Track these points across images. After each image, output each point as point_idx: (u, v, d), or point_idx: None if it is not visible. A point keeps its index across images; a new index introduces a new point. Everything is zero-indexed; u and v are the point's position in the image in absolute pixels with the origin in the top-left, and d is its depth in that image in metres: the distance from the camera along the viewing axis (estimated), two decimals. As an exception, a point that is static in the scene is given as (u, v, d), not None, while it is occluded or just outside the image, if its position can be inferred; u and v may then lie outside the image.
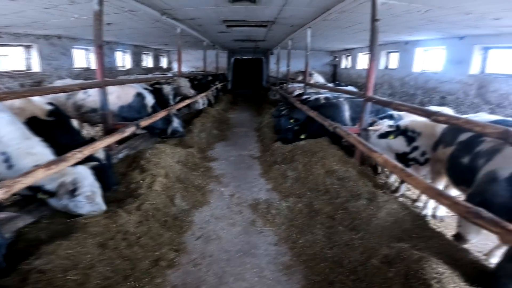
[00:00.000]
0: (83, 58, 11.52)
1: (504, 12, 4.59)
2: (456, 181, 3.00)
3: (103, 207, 2.99)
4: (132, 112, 5.25)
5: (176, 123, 5.62)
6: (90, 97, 5.38)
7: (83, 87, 3.98)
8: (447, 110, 4.34)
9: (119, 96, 5.21)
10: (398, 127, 4.02)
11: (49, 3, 4.92)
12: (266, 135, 7.28)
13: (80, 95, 5.48)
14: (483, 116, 3.21)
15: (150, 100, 5.51)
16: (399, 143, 3.97)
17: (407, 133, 3.93)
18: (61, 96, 5.43)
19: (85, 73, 11.04)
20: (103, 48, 4.07)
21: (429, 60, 9.76)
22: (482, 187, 2.38)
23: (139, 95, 5.39)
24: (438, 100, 8.76)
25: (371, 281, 2.35)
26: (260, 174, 5.15)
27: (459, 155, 2.86)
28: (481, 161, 2.54)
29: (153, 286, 2.47)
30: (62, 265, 2.20)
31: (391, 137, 3.98)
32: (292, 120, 6.35)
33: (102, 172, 3.35)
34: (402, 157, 4.03)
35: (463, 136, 2.94)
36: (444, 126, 3.38)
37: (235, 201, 4.15)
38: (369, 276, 2.40)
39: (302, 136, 5.64)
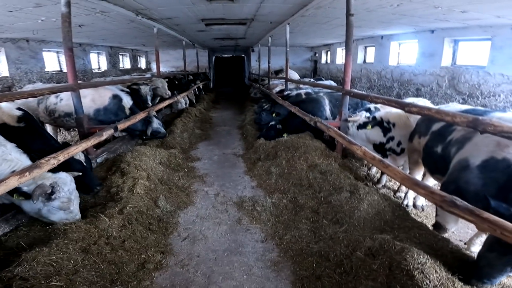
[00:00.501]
0: (55, 61, 11.07)
1: (470, 5, 4.80)
2: (431, 170, 3.10)
3: (78, 216, 2.91)
4: (109, 115, 5.10)
5: (156, 123, 5.49)
6: (63, 101, 5.20)
7: (54, 91, 3.82)
8: (423, 101, 4.52)
9: (94, 99, 5.05)
10: (374, 118, 4.19)
11: (13, 6, 4.71)
12: (249, 133, 7.29)
13: (52, 99, 5.28)
14: (454, 106, 3.36)
15: (127, 102, 5.36)
16: (376, 134, 4.14)
17: (383, 124, 4.09)
18: (32, 101, 5.22)
19: (57, 76, 10.65)
20: (73, 50, 3.93)
21: (404, 53, 10.09)
22: (455, 175, 2.43)
23: (116, 97, 5.23)
24: (414, 92, 9.08)
25: (357, 274, 2.37)
26: (244, 172, 5.15)
27: (433, 144, 2.96)
28: (453, 149, 2.61)
29: (141, 289, 2.43)
30: (44, 272, 2.17)
31: (368, 127, 4.15)
32: (274, 114, 6.44)
33: (84, 174, 3.29)
34: (380, 148, 4.18)
35: (436, 126, 3.05)
36: (417, 117, 3.53)
37: (220, 200, 4.14)
38: (355, 268, 2.42)
39: (284, 135, 5.70)
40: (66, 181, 2.80)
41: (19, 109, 3.63)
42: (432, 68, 8.27)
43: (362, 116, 4.37)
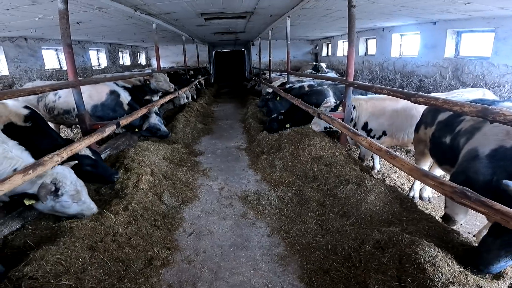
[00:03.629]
0: (54, 59, 11.00)
1: (473, -3, 4.74)
2: (440, 161, 3.05)
3: (93, 205, 2.89)
4: (107, 111, 5.06)
5: (154, 118, 5.31)
6: (61, 98, 5.16)
7: (55, 88, 3.77)
8: (488, 93, 4.55)
9: (91, 95, 4.99)
10: (341, 101, 4.87)
11: (9, 4, 4.63)
12: (251, 126, 7.27)
13: (51, 97, 5.25)
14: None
15: (125, 97, 5.27)
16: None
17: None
18: (32, 98, 5.19)
19: (57, 74, 10.60)
20: (72, 47, 3.90)
21: (406, 45, 9.99)
22: (464, 166, 2.38)
23: (113, 93, 5.17)
24: (417, 83, 9.02)
25: (366, 267, 2.34)
26: (248, 165, 5.13)
27: (441, 135, 2.91)
28: (462, 140, 2.56)
29: (149, 286, 2.42)
30: (53, 271, 2.14)
31: (339, 109, 4.78)
32: (278, 98, 6.67)
33: (96, 166, 3.27)
34: None
35: (443, 116, 3.00)
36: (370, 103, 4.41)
37: (224, 194, 4.12)
38: (364, 262, 2.39)
39: (287, 126, 5.72)
40: (65, 174, 2.72)
41: (26, 107, 3.56)
42: (435, 59, 8.20)
43: (331, 101, 5.00)
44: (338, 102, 5.01)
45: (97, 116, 5.00)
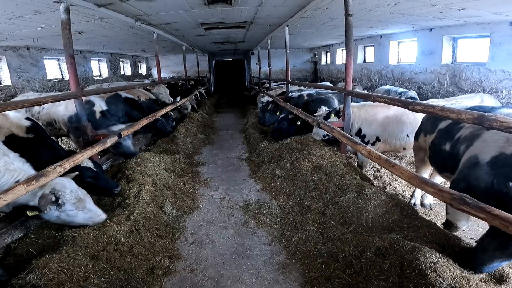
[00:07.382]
0: (56, 68, 11.11)
1: (467, 2, 4.81)
2: (439, 169, 3.06)
3: (100, 212, 2.87)
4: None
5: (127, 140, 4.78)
6: (44, 110, 5.00)
7: (57, 99, 3.77)
8: (487, 98, 4.70)
9: (67, 106, 4.79)
10: (334, 109, 5.15)
11: (13, 14, 4.69)
12: (252, 136, 7.30)
13: (36, 108, 5.09)
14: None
15: (100, 106, 4.98)
16: (335, 121, 4.90)
17: (339, 114, 4.93)
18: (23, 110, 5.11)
19: (59, 84, 10.68)
20: (74, 57, 3.91)
21: (404, 52, 10.12)
22: (465, 173, 2.39)
23: (87, 103, 4.81)
24: (415, 91, 9.08)
25: (367, 274, 2.35)
26: (248, 175, 5.15)
27: (441, 142, 2.93)
28: (462, 147, 2.58)
29: (151, 295, 2.43)
30: (56, 279, 2.16)
31: (332, 116, 4.97)
32: (278, 113, 6.86)
33: (97, 179, 3.28)
34: None
35: (443, 124, 3.03)
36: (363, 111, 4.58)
37: (225, 204, 4.14)
38: (365, 269, 2.40)
39: (298, 123, 5.70)
40: (64, 184, 2.69)
41: (28, 119, 3.54)
42: (432, 66, 8.30)
43: (324, 110, 5.27)
44: (330, 110, 5.21)
45: (75, 128, 4.69)
